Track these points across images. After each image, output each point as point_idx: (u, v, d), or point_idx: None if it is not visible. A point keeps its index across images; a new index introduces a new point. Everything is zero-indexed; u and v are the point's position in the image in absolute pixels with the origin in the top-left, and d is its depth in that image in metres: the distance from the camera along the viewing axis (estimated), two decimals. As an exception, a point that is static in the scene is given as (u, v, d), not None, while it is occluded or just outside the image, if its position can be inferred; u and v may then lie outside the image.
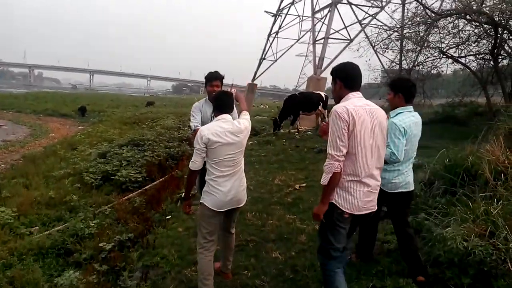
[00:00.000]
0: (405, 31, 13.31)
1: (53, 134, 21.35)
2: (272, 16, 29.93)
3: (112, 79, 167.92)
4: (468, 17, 9.59)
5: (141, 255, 4.39)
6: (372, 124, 2.62)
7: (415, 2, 11.26)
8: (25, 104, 37.76)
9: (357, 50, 16.95)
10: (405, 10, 17.28)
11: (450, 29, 10.79)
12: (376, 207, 2.78)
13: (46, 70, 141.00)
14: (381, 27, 18.44)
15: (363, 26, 20.19)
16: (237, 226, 3.97)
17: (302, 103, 12.93)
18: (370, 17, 20.29)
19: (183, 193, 3.53)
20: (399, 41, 17.27)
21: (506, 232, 2.82)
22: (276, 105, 32.80)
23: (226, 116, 3.28)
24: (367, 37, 18.85)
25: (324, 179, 2.57)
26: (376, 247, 3.72)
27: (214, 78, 4.22)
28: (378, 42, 16.36)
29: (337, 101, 2.77)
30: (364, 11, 20.85)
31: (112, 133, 16.66)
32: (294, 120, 13.35)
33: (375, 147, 2.64)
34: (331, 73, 2.86)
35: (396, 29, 17.19)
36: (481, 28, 10.29)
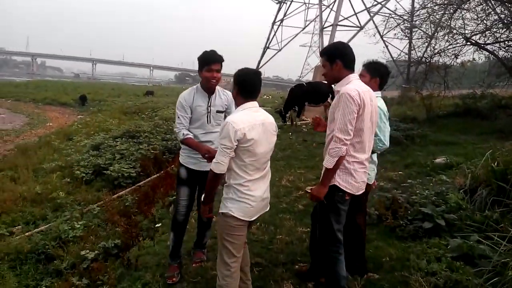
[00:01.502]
0: (423, 16, 12.36)
1: (50, 124, 20.72)
2: (277, 3, 29.03)
3: (115, 68, 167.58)
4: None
5: (120, 277, 3.63)
6: (372, 108, 2.66)
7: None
8: (25, 93, 37.11)
9: (374, 35, 16.23)
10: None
11: (478, 12, 9.83)
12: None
13: (48, 59, 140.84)
14: (391, 16, 17.72)
15: (371, 14, 19.34)
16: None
17: (309, 94, 11.97)
18: (379, 5, 19.39)
19: (202, 197, 2.79)
20: (408, 30, 16.49)
21: None
22: (280, 96, 32.01)
23: (255, 103, 2.65)
24: (375, 26, 18.07)
25: (329, 162, 2.53)
26: (417, 279, 2.91)
27: (214, 60, 3.30)
28: (388, 30, 15.64)
29: (333, 82, 2.79)
30: (373, -2, 19.95)
31: (110, 123, 16.02)
32: (299, 112, 12.45)
33: (372, 130, 2.73)
34: (327, 53, 2.77)
35: (407, 17, 16.40)
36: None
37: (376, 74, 3.17)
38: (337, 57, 2.67)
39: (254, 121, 2.53)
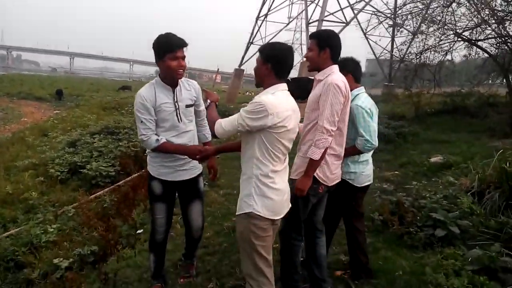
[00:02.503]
0: (409, 11, 12.21)
1: (25, 119, 19.93)
2: (261, -3, 28.64)
3: (94, 63, 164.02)
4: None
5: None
6: (349, 103, 2.70)
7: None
8: (-2, 87, 35.76)
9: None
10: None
11: (469, 7, 9.65)
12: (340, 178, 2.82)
13: (25, 52, 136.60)
14: (375, 13, 17.83)
15: (355, 11, 19.29)
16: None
17: (295, 90, 11.72)
18: (363, 2, 19.31)
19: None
20: (391, 28, 16.51)
21: None
22: (263, 93, 31.89)
23: (286, 86, 2.36)
24: (359, 23, 18.01)
25: (316, 154, 2.49)
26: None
27: (179, 45, 2.68)
28: (371, 28, 15.66)
29: (313, 69, 2.72)
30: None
31: (88, 118, 15.42)
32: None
33: (348, 122, 2.74)
34: (319, 37, 2.67)
35: (390, 14, 16.42)
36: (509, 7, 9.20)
37: (346, 70, 2.92)
38: (328, 46, 2.62)
39: (287, 106, 2.26)
